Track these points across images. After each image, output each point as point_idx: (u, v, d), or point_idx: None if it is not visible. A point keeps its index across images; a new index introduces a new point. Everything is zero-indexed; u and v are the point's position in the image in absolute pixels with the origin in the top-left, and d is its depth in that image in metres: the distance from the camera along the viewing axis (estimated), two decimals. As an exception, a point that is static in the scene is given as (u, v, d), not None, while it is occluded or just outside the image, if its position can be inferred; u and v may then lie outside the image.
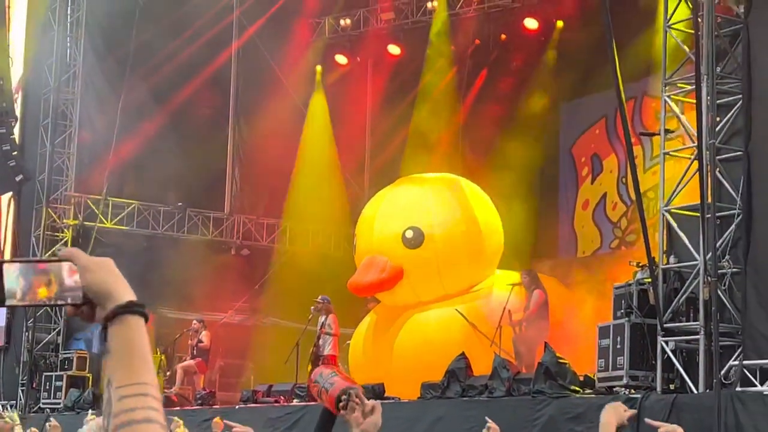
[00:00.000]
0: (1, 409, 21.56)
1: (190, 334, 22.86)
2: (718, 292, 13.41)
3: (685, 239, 14.13)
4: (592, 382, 14.99)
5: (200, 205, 27.07)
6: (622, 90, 14.49)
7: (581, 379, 15.12)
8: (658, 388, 13.88)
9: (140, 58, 25.51)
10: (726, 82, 14.20)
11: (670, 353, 13.92)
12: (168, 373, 23.60)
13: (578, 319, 18.69)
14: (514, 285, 18.59)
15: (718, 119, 14.03)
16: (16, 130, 25.82)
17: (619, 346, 14.34)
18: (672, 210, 14.55)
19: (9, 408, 20.19)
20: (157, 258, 24.99)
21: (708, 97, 13.84)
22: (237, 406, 20.09)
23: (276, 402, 19.28)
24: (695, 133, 13.91)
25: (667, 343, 13.97)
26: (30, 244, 25.54)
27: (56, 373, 23.97)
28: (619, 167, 24.06)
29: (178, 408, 21.07)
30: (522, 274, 18.89)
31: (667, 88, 14.88)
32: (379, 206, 21.17)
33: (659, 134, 15.21)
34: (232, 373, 25.19)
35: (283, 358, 20.49)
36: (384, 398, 17.13)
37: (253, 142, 27.66)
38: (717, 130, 13.95)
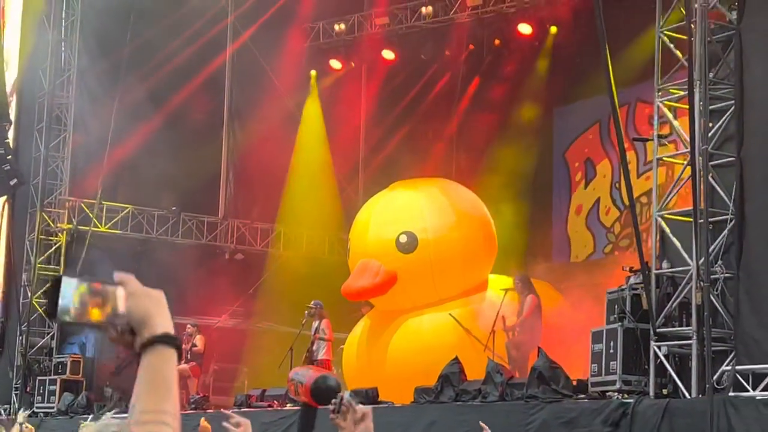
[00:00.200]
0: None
1: (184, 338, 22.85)
2: (711, 298, 13.44)
3: (678, 244, 14.16)
4: (585, 387, 15.00)
5: (194, 210, 27.08)
6: (616, 95, 14.53)
7: (574, 383, 15.14)
8: (651, 393, 13.91)
9: (135, 62, 25.51)
10: (719, 88, 14.24)
11: (663, 358, 13.95)
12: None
13: (571, 323, 18.71)
14: (508, 290, 18.62)
15: (711, 125, 14.07)
16: (11, 134, 25.80)
17: (612, 351, 14.37)
18: (665, 215, 14.58)
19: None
20: (151, 262, 25.00)
21: (701, 103, 13.88)
22: (230, 410, 20.05)
23: (269, 406, 19.30)
24: (688, 139, 13.94)
25: (659, 348, 13.99)
26: (24, 248, 25.54)
27: (50, 377, 23.96)
28: (613, 172, 24.11)
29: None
30: (515, 279, 18.91)
31: (660, 94, 14.91)
32: (373, 211, 21.19)
33: (652, 140, 15.24)
34: (225, 378, 25.18)
35: (277, 363, 20.51)
36: (377, 403, 17.15)
37: (248, 146, 27.67)
38: (710, 135, 13.98)
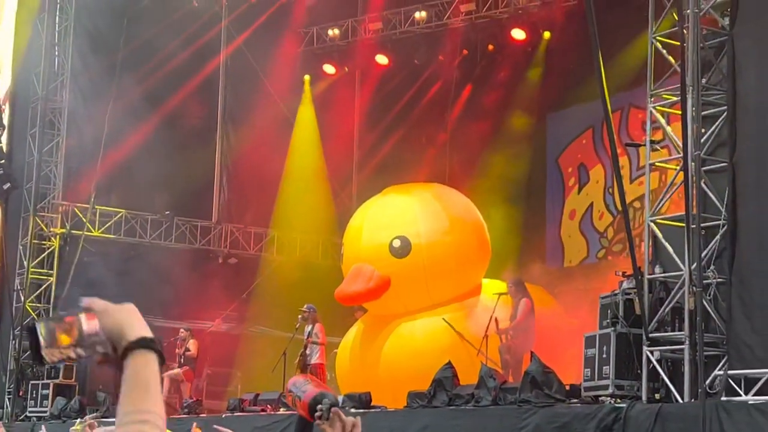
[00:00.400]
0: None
1: (178, 342, 22.88)
2: (703, 302, 13.46)
3: (671, 249, 14.18)
4: (578, 392, 15.02)
5: (188, 214, 27.09)
6: (609, 101, 14.56)
7: (567, 388, 15.15)
8: (644, 398, 13.93)
9: (128, 67, 25.52)
10: (711, 94, 14.27)
11: (656, 363, 13.97)
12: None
13: (564, 328, 18.75)
14: (501, 294, 18.63)
15: (704, 130, 14.10)
16: (4, 139, 25.79)
17: (604, 356, 14.39)
18: (658, 220, 14.61)
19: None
20: (145, 266, 25.00)
21: (693, 109, 13.91)
22: (224, 415, 20.10)
23: (263, 411, 19.29)
24: (681, 144, 13.97)
25: (652, 352, 14.02)
26: (17, 253, 25.53)
27: (43, 381, 23.93)
28: (606, 177, 24.16)
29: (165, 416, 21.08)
30: (508, 284, 18.93)
31: (653, 99, 14.94)
32: (367, 216, 21.21)
33: (645, 145, 15.26)
34: (219, 382, 25.19)
35: (270, 367, 20.53)
36: (370, 407, 17.20)
37: (241, 151, 27.71)
38: (702, 141, 14.01)
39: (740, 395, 12.93)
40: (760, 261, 13.30)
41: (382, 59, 27.61)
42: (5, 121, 26.03)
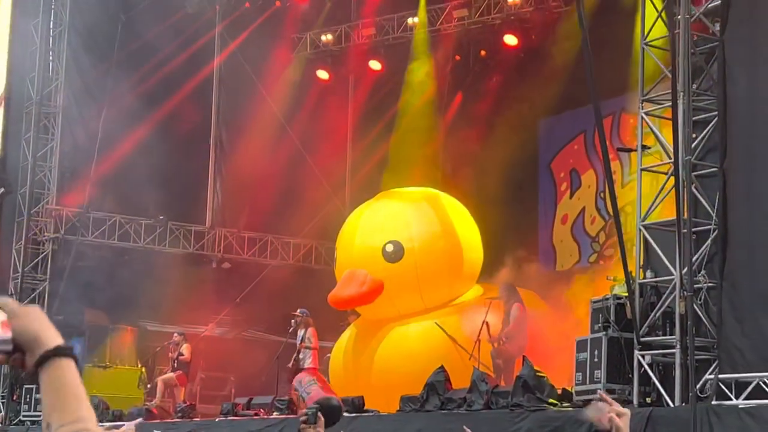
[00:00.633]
0: None
1: (171, 347, 22.91)
2: (694, 307, 13.51)
3: (662, 254, 14.24)
4: (569, 396, 15.05)
5: (181, 219, 27.12)
6: (600, 106, 14.62)
7: (559, 392, 15.18)
8: (635, 402, 13.97)
9: (122, 72, 25.59)
10: (702, 99, 14.33)
11: (647, 367, 14.02)
12: (148, 386, 23.66)
13: (556, 332, 18.80)
14: (493, 299, 18.68)
15: (694, 136, 14.15)
16: (-2, 143, 25.86)
17: (596, 360, 14.43)
18: (649, 225, 14.66)
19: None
20: (138, 271, 25.04)
21: (684, 114, 13.97)
22: (217, 419, 20.13)
23: (256, 415, 19.31)
24: (672, 149, 14.03)
25: (643, 356, 14.06)
26: (11, 257, 25.55)
27: (36, 386, 23.92)
28: (598, 182, 24.23)
29: (159, 421, 21.12)
30: (500, 288, 18.95)
31: (644, 105, 14.99)
32: (360, 220, 21.26)
33: (636, 150, 15.32)
34: (212, 386, 25.22)
35: (264, 371, 20.57)
36: (363, 411, 17.23)
37: (235, 156, 27.75)
38: (693, 146, 14.07)
39: (731, 399, 12.98)
40: (750, 265, 13.35)
41: (375, 65, 27.68)
42: (-1, 125, 26.08)
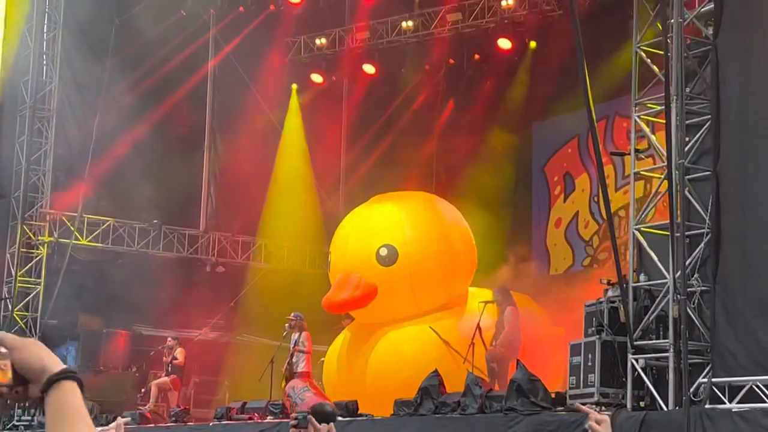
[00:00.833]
0: None
1: (165, 351, 22.89)
2: (688, 311, 13.53)
3: (655, 258, 14.25)
4: (563, 400, 15.07)
5: (175, 223, 27.10)
6: (593, 110, 14.62)
7: (553, 396, 15.20)
8: (629, 405, 13.98)
9: (116, 76, 25.57)
10: (695, 103, 14.35)
11: (640, 371, 14.03)
12: (143, 390, 23.64)
13: (550, 336, 18.81)
14: (487, 303, 18.67)
15: (688, 139, 14.17)
16: (-8, 147, 25.84)
17: (590, 364, 14.44)
18: (642, 229, 14.67)
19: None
20: (132, 275, 25.00)
21: (677, 118, 13.98)
22: (211, 423, 20.11)
23: (250, 419, 19.30)
24: (665, 153, 14.05)
25: (637, 360, 14.08)
26: (5, 261, 25.52)
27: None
28: (591, 186, 24.26)
29: (153, 425, 21.11)
30: (494, 292, 18.95)
31: (638, 109, 15.02)
32: (354, 224, 21.25)
33: (630, 154, 15.34)
34: (206, 390, 25.19)
35: (258, 375, 20.54)
36: (357, 415, 17.22)
37: (229, 159, 27.75)
38: (686, 150, 14.08)
39: (724, 403, 12.99)
40: (744, 269, 13.36)
41: (369, 68, 27.70)
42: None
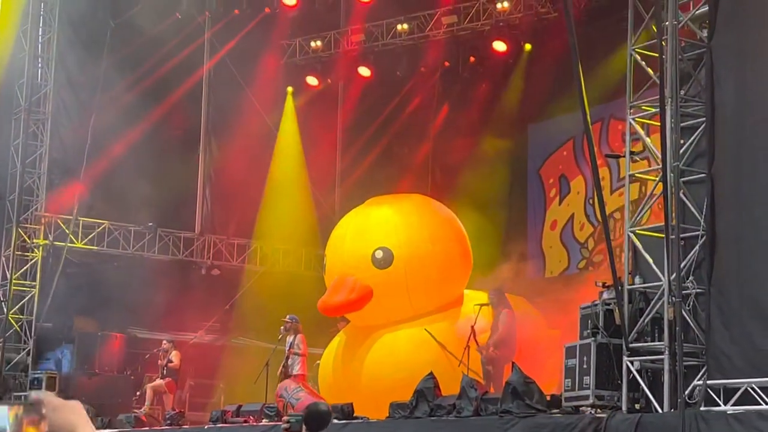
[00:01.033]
0: None
1: (160, 354, 22.88)
2: (683, 313, 13.52)
3: (650, 260, 14.25)
4: (558, 402, 15.07)
5: (171, 225, 27.10)
6: (588, 112, 14.62)
7: (548, 398, 15.20)
8: (624, 408, 13.98)
9: (111, 79, 25.56)
10: (690, 105, 14.35)
11: (636, 373, 14.03)
12: (138, 393, 23.63)
13: (545, 338, 18.82)
14: (482, 305, 18.67)
15: (683, 142, 14.17)
16: (-13, 150, 25.81)
17: (585, 366, 14.44)
18: (637, 231, 14.68)
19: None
20: (128, 278, 24.99)
21: (672, 120, 13.98)
22: (206, 426, 20.10)
23: (245, 422, 19.27)
24: (660, 155, 14.05)
25: (632, 362, 14.08)
26: (0, 264, 25.50)
27: (26, 393, 23.91)
28: (587, 188, 24.27)
29: (148, 428, 21.09)
30: (490, 294, 18.94)
31: (632, 111, 15.02)
32: (349, 226, 21.26)
33: (625, 156, 15.34)
34: (202, 393, 25.17)
35: (253, 378, 20.53)
36: (353, 418, 17.21)
37: (224, 162, 27.74)
38: (681, 152, 14.09)
39: (719, 405, 13.00)
40: (738, 271, 13.37)
41: (364, 71, 27.72)
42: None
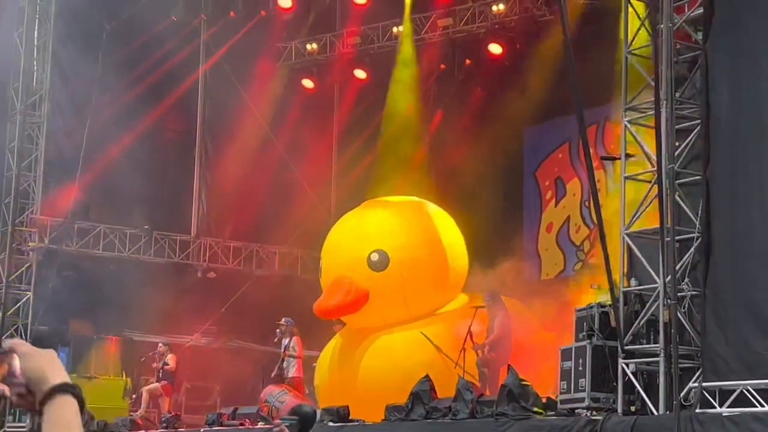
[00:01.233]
0: None
1: (156, 356, 22.87)
2: (678, 315, 13.54)
3: (646, 262, 14.27)
4: (554, 404, 15.07)
5: (166, 228, 27.10)
6: (584, 115, 14.64)
7: (544, 401, 15.20)
8: (619, 410, 13.99)
9: (107, 82, 25.55)
10: (685, 107, 14.37)
11: (631, 375, 14.04)
12: (134, 396, 23.62)
13: (541, 341, 18.81)
14: (478, 307, 18.67)
15: (678, 144, 14.18)
16: (-18, 154, 25.80)
17: (580, 369, 14.45)
18: (633, 233, 14.69)
19: None
20: (124, 281, 24.97)
21: (667, 122, 14.00)
22: (202, 429, 20.10)
23: (241, 425, 19.28)
24: (655, 158, 14.07)
25: (627, 365, 14.09)
26: (-4, 268, 25.50)
27: None
28: (582, 191, 24.27)
29: (144, 431, 21.10)
30: (485, 297, 18.95)
31: (628, 113, 15.03)
32: (345, 229, 21.26)
33: (620, 158, 15.35)
34: (198, 396, 25.17)
35: (249, 381, 20.55)
36: (349, 420, 17.22)
37: (220, 165, 27.75)
38: (676, 154, 14.10)
39: (714, 407, 13.00)
40: (734, 273, 13.37)
41: (360, 73, 27.74)
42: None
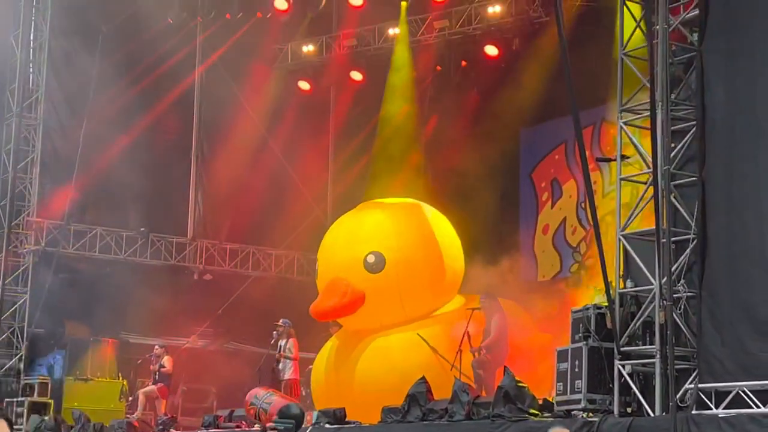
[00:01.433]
0: None
1: (152, 359, 22.84)
2: (674, 316, 13.52)
3: (641, 264, 14.26)
4: (550, 406, 15.07)
5: (163, 230, 27.08)
6: (579, 116, 14.63)
7: (540, 402, 15.20)
8: (616, 412, 13.98)
9: (103, 84, 25.55)
10: (680, 109, 14.36)
11: (627, 377, 14.03)
12: (130, 399, 23.60)
13: (537, 342, 18.81)
14: (474, 309, 18.66)
15: (673, 145, 14.17)
16: (-22, 156, 25.78)
17: (577, 370, 14.44)
18: (628, 235, 14.68)
19: None
20: (120, 283, 24.97)
21: (663, 124, 13.99)
22: (199, 431, 20.09)
23: (237, 427, 19.27)
24: (651, 159, 14.06)
25: (624, 366, 14.07)
26: (-8, 270, 25.48)
27: (18, 399, 23.85)
28: (579, 192, 24.27)
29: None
30: (481, 298, 18.92)
31: (624, 115, 15.02)
32: (341, 231, 21.24)
33: (616, 160, 15.34)
34: (194, 398, 25.15)
35: (246, 383, 20.51)
36: (345, 422, 17.21)
37: (216, 167, 27.72)
38: (672, 156, 14.09)
39: (711, 408, 13.00)
40: (730, 275, 13.37)
41: (356, 75, 27.74)
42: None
